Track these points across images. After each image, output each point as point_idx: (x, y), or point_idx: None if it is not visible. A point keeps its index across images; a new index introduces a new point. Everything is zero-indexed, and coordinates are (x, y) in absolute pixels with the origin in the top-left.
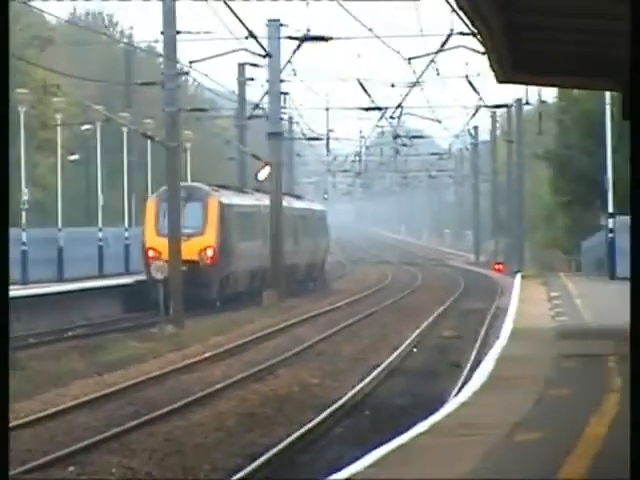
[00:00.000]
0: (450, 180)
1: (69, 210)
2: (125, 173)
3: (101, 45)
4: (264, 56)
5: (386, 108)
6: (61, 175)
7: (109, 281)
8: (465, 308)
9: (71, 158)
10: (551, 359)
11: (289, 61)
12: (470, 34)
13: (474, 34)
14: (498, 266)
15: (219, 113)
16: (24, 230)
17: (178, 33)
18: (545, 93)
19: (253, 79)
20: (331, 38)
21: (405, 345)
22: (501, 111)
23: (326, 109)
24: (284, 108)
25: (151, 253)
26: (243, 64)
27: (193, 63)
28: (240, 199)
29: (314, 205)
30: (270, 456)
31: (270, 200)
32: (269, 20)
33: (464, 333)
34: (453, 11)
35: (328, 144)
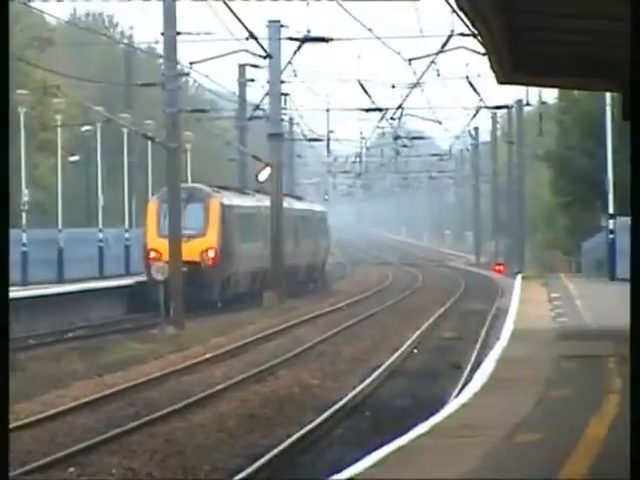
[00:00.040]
0: (451, 181)
1: (69, 211)
2: (125, 174)
3: (101, 46)
4: (264, 57)
5: (387, 109)
6: (61, 176)
7: (109, 282)
8: (466, 309)
9: (71, 159)
10: (551, 360)
11: (289, 62)
12: (470, 35)
13: (474, 35)
14: (498, 267)
15: (219, 114)
16: (24, 231)
17: (178, 34)
18: (545, 94)
19: (254, 80)
20: (331, 39)
21: (406, 346)
22: (502, 112)
23: (327, 110)
24: (284, 109)
25: (152, 254)
26: (243, 65)
27: (193, 64)
28: (241, 200)
29: (315, 206)
30: (271, 457)
31: (270, 201)
32: (269, 21)
33: (465, 334)
34: (453, 12)
35: (329, 145)
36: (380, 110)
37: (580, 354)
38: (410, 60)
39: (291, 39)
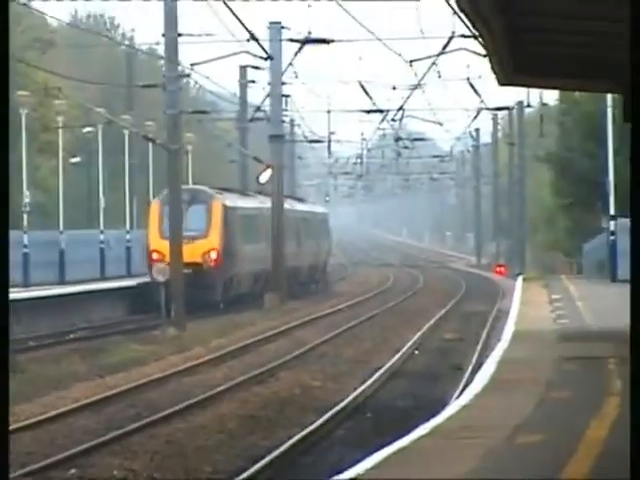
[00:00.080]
0: (451, 182)
1: (71, 212)
2: (126, 175)
3: (102, 47)
4: (265, 58)
5: (387, 110)
6: (62, 177)
7: (111, 283)
8: (467, 310)
9: (72, 160)
10: (552, 362)
11: (290, 63)
12: (471, 36)
13: (475, 37)
14: (499, 268)
15: (220, 116)
16: (25, 233)
17: (179, 35)
18: (546, 95)
19: (254, 81)
20: (332, 41)
21: (407, 347)
22: (502, 113)
23: (327, 111)
24: (285, 110)
25: (155, 255)
26: (245, 66)
27: (194, 65)
28: (243, 202)
29: (316, 208)
30: (272, 458)
31: (271, 203)
32: (270, 22)
33: (466, 335)
34: (454, 13)
35: (329, 146)
36: (381, 111)
37: (581, 355)
38: (411, 61)
39: (292, 40)
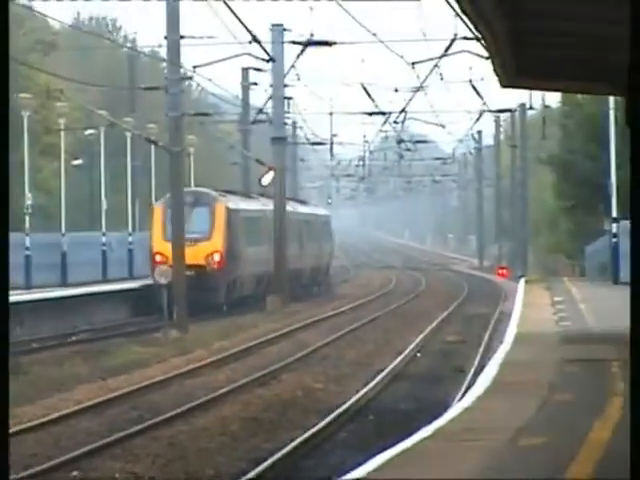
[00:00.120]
0: (454, 185)
1: (73, 215)
2: (129, 178)
3: (104, 50)
4: (268, 61)
5: (390, 113)
6: (64, 180)
7: (113, 286)
8: (469, 313)
9: (75, 163)
10: (555, 364)
11: (293, 66)
12: (474, 39)
13: (478, 39)
14: (502, 271)
15: (223, 118)
16: (27, 235)
17: (182, 38)
18: (549, 98)
19: (257, 84)
20: (335, 43)
21: (409, 350)
22: (505, 116)
23: (330, 114)
24: (288, 113)
25: (158, 258)
26: (247, 69)
27: (197, 68)
28: (246, 204)
29: (319, 210)
30: (274, 461)
31: (274, 205)
32: (273, 25)
33: (468, 338)
34: (457, 16)
35: (332, 149)
36: (383, 114)
37: (583, 358)
38: (413, 64)
39: (294, 43)
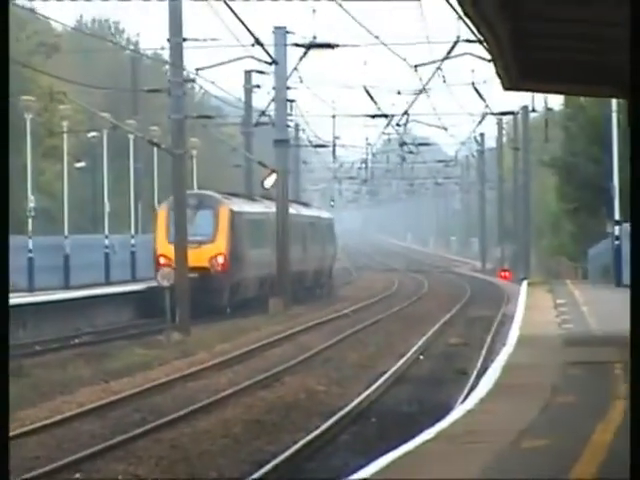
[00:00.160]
0: (456, 187)
1: (75, 217)
2: (131, 180)
3: (107, 52)
4: (270, 63)
5: (392, 115)
6: (67, 182)
7: (116, 288)
8: (471, 315)
9: (77, 165)
10: (557, 366)
11: (295, 68)
12: (476, 41)
13: (480, 41)
14: (504, 273)
15: (225, 120)
16: (30, 237)
17: (184, 40)
18: (551, 100)
19: (259, 86)
20: (337, 45)
21: (411, 352)
22: (507, 118)
23: (332, 116)
24: (290, 115)
25: (162, 260)
26: (249, 71)
27: (199, 70)
28: (250, 207)
29: (322, 212)
30: (277, 463)
31: (276, 207)
32: (275, 27)
33: (470, 340)
34: (459, 18)
35: (334, 151)
36: (386, 116)
37: (586, 360)
38: (416, 66)
39: (297, 45)
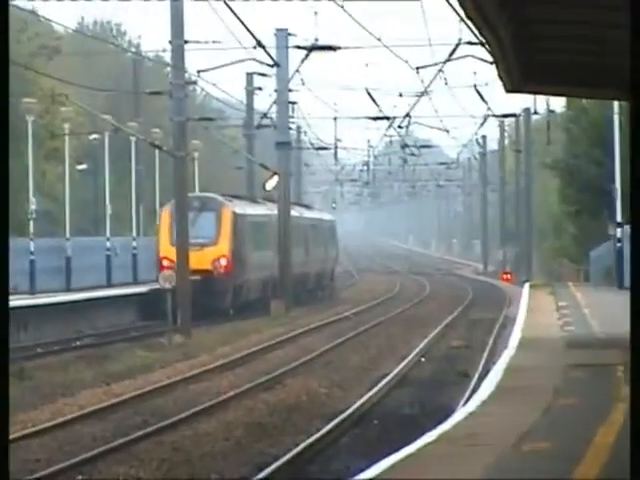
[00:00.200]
0: (458, 189)
1: (77, 219)
2: (133, 182)
3: (109, 54)
4: (272, 65)
5: (394, 117)
6: (69, 184)
7: (117, 290)
8: (473, 318)
9: (79, 167)
10: (559, 369)
11: (297, 70)
12: (478, 43)
13: (482, 43)
14: (506, 276)
15: (227, 122)
16: (32, 239)
17: (186, 42)
18: (553, 102)
19: (261, 88)
20: (339, 47)
21: (413, 355)
22: (509, 120)
23: (334, 118)
24: (292, 117)
25: (165, 262)
26: (251, 73)
27: (201, 72)
28: (253, 209)
29: (324, 215)
30: (278, 466)
31: (278, 210)
32: (277, 29)
33: (472, 343)
34: (461, 20)
35: (336, 153)
36: (388, 118)
37: (588, 363)
38: (418, 68)
39: (299, 47)
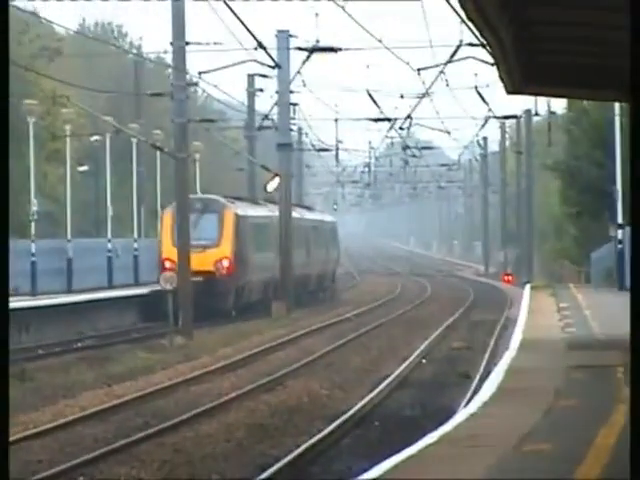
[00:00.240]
0: (459, 191)
1: (78, 221)
2: (134, 184)
3: (110, 56)
4: (273, 67)
5: (395, 119)
6: (70, 186)
7: (119, 292)
8: (474, 319)
9: (80, 169)
10: (560, 370)
11: (298, 72)
12: (479, 45)
13: (483, 45)
14: (507, 277)
15: (228, 124)
16: (33, 241)
17: (187, 44)
18: (554, 104)
19: (262, 90)
20: (340, 49)
21: (414, 356)
22: (510, 122)
23: (335, 120)
24: (293, 119)
25: (168, 264)
26: (252, 75)
27: (202, 74)
28: (254, 211)
29: (325, 216)
30: (280, 467)
31: (279, 211)
32: (278, 31)
33: (473, 344)
34: (462, 22)
35: (337, 155)
36: (389, 120)
37: (589, 364)
38: (419, 70)
39: (300, 49)
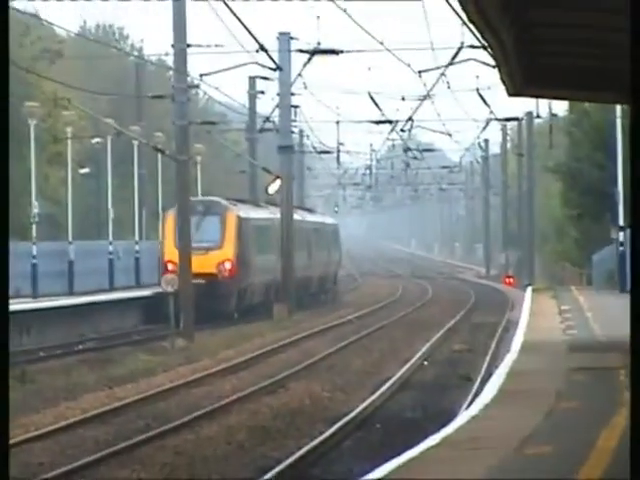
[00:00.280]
0: (461, 193)
1: (80, 223)
2: (135, 186)
3: (111, 58)
4: (275, 69)
5: (397, 121)
6: (71, 188)
7: (120, 294)
8: (476, 321)
9: (82, 171)
10: (562, 372)
11: (299, 74)
12: (481, 47)
13: (485, 47)
14: (509, 279)
15: (229, 126)
16: (34, 243)
17: (189, 46)
18: (556, 106)
19: (264, 92)
20: (341, 51)
21: (416, 358)
22: (512, 124)
23: (336, 122)
24: (294, 121)
25: (170, 266)
26: (254, 77)
27: (203, 76)
28: (256, 213)
29: (327, 219)
30: (281, 469)
31: (280, 213)
32: (280, 33)
33: (475, 346)
34: (464, 24)
35: (339, 157)
36: (390, 122)
37: (590, 366)
38: (420, 72)
39: (301, 51)
